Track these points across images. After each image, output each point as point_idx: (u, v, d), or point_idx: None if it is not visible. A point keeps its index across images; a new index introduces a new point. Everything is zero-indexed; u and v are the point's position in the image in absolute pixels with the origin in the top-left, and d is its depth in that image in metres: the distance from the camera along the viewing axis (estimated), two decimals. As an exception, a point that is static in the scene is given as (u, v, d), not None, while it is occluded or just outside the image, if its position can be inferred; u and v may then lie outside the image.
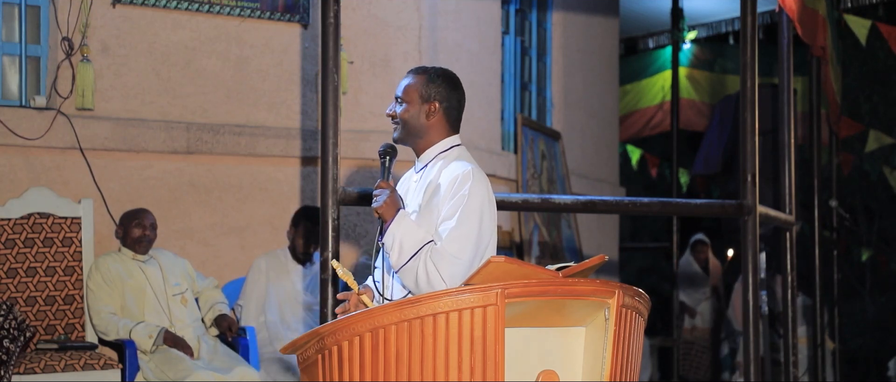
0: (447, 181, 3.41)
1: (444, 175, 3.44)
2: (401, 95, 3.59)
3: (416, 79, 3.58)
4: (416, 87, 3.56)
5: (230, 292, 6.14)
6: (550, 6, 8.59)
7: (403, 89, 3.58)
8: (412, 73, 3.62)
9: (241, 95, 6.48)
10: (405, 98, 3.57)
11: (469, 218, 3.34)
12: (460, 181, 3.38)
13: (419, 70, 3.62)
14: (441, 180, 3.44)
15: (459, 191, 3.37)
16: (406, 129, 3.57)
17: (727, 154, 7.78)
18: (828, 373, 9.72)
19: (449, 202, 3.37)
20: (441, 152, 3.57)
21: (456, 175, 3.40)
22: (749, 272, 5.48)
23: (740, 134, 5.59)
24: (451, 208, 3.36)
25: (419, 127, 3.56)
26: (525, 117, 7.81)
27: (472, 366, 2.89)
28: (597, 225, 9.06)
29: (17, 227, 5.58)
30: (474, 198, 3.37)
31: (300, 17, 6.62)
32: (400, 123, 3.57)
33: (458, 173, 3.40)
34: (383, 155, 3.54)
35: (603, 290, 3.04)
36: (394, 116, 3.58)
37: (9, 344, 5.10)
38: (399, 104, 3.58)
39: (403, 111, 3.57)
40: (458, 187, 3.38)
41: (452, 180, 3.39)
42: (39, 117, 5.87)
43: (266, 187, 6.53)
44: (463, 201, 3.35)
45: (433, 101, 3.56)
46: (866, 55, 13.10)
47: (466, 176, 3.39)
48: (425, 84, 3.56)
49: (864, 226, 14.45)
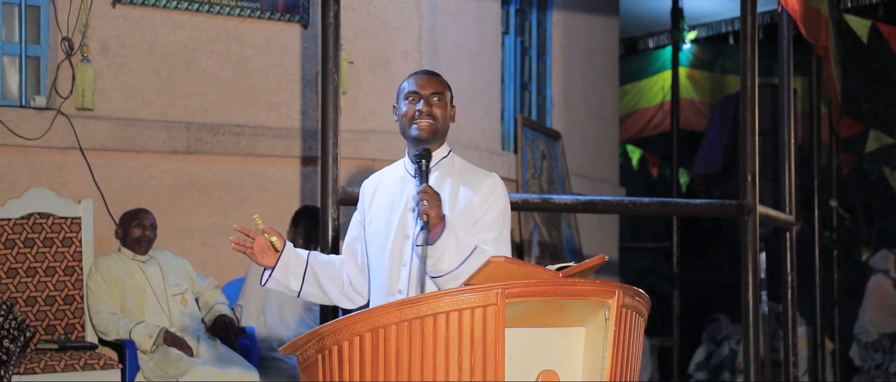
0: (486, 189, 3.50)
1: (477, 182, 3.52)
2: (435, 90, 3.54)
3: (443, 80, 3.59)
4: (447, 87, 3.58)
5: (230, 292, 6.14)
6: (550, 6, 8.59)
7: (437, 85, 3.55)
8: (432, 74, 3.60)
9: (241, 95, 6.48)
10: (442, 95, 3.55)
11: (506, 226, 3.51)
12: (499, 191, 3.52)
13: (435, 73, 3.62)
14: (474, 188, 3.51)
15: (499, 201, 3.51)
16: (440, 127, 3.54)
17: (727, 154, 7.77)
18: (828, 373, 9.73)
19: (492, 211, 3.48)
20: (444, 156, 3.58)
21: (495, 185, 3.52)
22: (749, 273, 5.49)
23: (740, 134, 5.59)
24: (494, 217, 3.48)
25: (445, 128, 3.57)
26: (525, 117, 7.81)
27: (472, 366, 2.89)
28: (597, 225, 9.06)
29: (17, 227, 5.58)
30: (507, 207, 3.54)
31: (300, 17, 6.62)
32: (435, 120, 3.52)
33: (496, 184, 3.53)
34: (419, 158, 3.46)
35: (603, 290, 3.04)
36: (429, 111, 3.52)
37: (9, 344, 5.10)
38: (436, 100, 3.53)
39: (439, 108, 3.54)
40: (498, 196, 3.51)
41: (492, 189, 3.51)
42: (39, 117, 5.87)
43: (266, 187, 6.52)
44: (501, 210, 3.50)
45: (453, 103, 3.61)
46: (866, 55, 13.10)
47: (501, 186, 3.54)
48: (449, 87, 3.60)
49: (864, 226, 14.45)
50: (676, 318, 10.24)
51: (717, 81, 11.59)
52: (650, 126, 11.86)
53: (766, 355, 7.84)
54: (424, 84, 3.54)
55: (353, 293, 3.69)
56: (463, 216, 3.47)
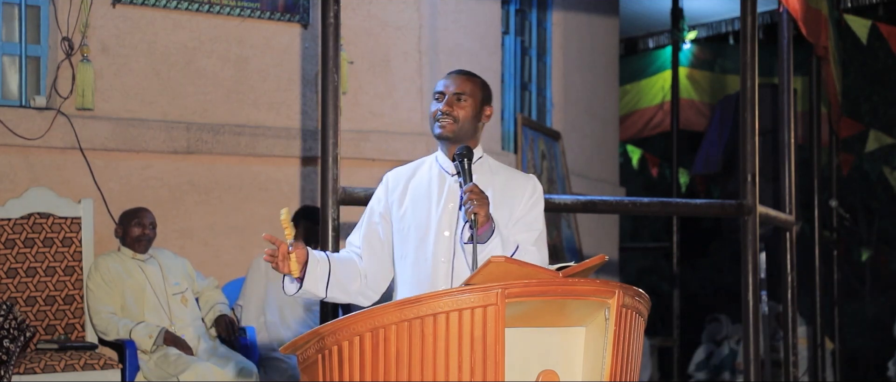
0: (529, 190, 3.58)
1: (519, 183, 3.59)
2: (459, 90, 3.55)
3: (475, 80, 3.60)
4: (478, 88, 3.58)
5: (230, 292, 6.14)
6: (550, 6, 8.59)
7: (463, 85, 3.56)
8: (465, 73, 3.61)
9: (241, 95, 6.48)
10: (468, 96, 3.55)
11: (545, 227, 3.60)
12: (539, 193, 3.61)
13: (470, 73, 3.63)
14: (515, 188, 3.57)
15: (539, 202, 3.60)
16: (461, 127, 3.54)
17: (727, 154, 7.77)
18: (828, 373, 9.73)
19: (533, 211, 3.57)
20: (478, 159, 3.60)
21: (536, 186, 3.61)
22: (749, 273, 5.49)
23: (740, 134, 5.59)
24: (535, 217, 3.57)
25: (471, 129, 3.57)
26: (525, 117, 7.81)
27: (472, 366, 2.89)
28: (597, 225, 9.06)
29: (17, 227, 5.58)
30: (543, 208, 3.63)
31: (300, 17, 6.62)
32: (455, 120, 3.53)
33: (537, 185, 3.62)
34: (461, 157, 3.47)
35: (603, 290, 3.04)
36: (449, 111, 3.53)
37: (9, 344, 5.10)
38: (457, 100, 3.54)
39: (461, 108, 3.54)
40: (538, 198, 3.59)
41: (533, 190, 3.59)
42: (39, 117, 5.87)
43: (266, 187, 6.52)
44: (541, 211, 3.59)
45: (490, 105, 3.62)
46: (866, 55, 13.11)
47: (540, 188, 3.63)
48: (484, 87, 3.60)
49: (864, 226, 14.46)
50: (676, 318, 10.24)
51: (717, 81, 11.60)
52: (650, 126, 11.86)
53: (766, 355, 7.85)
54: (450, 83, 3.56)
55: (369, 290, 3.67)
56: (504, 216, 3.51)
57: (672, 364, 10.36)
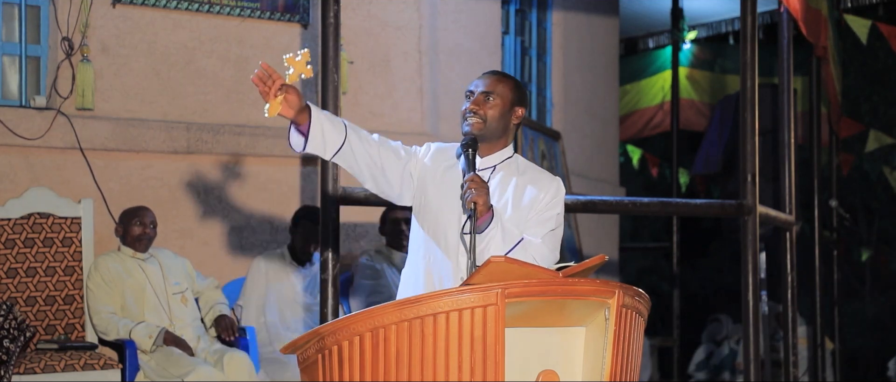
0: (553, 191, 3.57)
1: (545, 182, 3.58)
2: (489, 89, 3.55)
3: (506, 81, 3.59)
4: (508, 88, 3.57)
5: (230, 292, 6.14)
6: (550, 6, 8.59)
7: (493, 85, 3.56)
8: (497, 74, 3.62)
9: (241, 95, 6.48)
10: (497, 96, 3.55)
11: (560, 228, 3.58)
12: (562, 195, 3.60)
13: (502, 73, 3.64)
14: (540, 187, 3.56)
15: (560, 204, 3.59)
16: (488, 126, 3.54)
17: (727, 154, 7.78)
18: (828, 373, 9.73)
19: (552, 210, 3.55)
20: (507, 158, 3.61)
21: (560, 188, 3.61)
22: (749, 273, 5.48)
23: (740, 134, 5.59)
24: (552, 216, 3.55)
25: (500, 128, 3.57)
26: (525, 117, 7.81)
27: (472, 366, 2.89)
28: (597, 225, 9.06)
29: (17, 227, 5.58)
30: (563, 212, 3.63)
31: (300, 17, 6.62)
32: (484, 119, 3.53)
33: (560, 187, 3.61)
34: (467, 148, 3.48)
35: (603, 290, 3.04)
36: (477, 110, 3.53)
37: (9, 344, 5.10)
38: (485, 100, 3.54)
39: (490, 108, 3.54)
40: (560, 200, 3.59)
41: (556, 192, 3.59)
42: (39, 117, 5.87)
43: (266, 187, 6.52)
44: (560, 213, 3.58)
45: (522, 105, 3.60)
46: (866, 55, 13.11)
47: (563, 192, 3.62)
48: (515, 89, 3.60)
49: (864, 226, 14.46)
50: (676, 318, 10.24)
51: (717, 81, 11.60)
52: (650, 126, 11.86)
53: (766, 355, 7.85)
54: (480, 83, 3.58)
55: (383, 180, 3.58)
56: (526, 214, 3.52)
57: (672, 364, 10.36)
